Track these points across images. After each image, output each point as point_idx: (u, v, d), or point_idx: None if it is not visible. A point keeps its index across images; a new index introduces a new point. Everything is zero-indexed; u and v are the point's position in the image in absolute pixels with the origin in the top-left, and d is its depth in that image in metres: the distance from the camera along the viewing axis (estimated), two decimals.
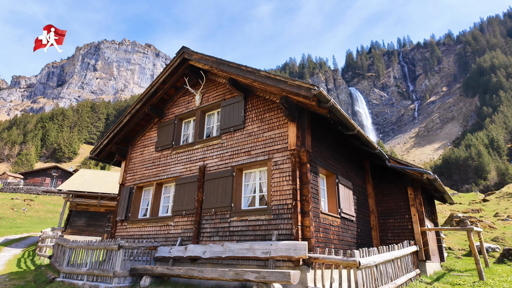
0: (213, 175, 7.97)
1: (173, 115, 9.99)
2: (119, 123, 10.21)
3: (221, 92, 8.91)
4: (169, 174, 9.17)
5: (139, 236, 9.08)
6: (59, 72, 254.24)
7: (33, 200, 48.00)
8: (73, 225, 19.99)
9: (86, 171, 24.07)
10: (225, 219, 7.34)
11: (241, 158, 7.64)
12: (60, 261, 9.14)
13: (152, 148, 10.06)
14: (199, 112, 9.27)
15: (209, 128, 9.27)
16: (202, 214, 7.84)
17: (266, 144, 7.29)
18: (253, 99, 8.05)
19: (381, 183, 9.89)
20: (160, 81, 9.56)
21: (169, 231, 8.38)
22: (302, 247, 5.64)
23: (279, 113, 7.36)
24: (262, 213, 6.75)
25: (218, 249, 6.81)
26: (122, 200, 9.90)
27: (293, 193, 6.36)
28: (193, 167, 8.62)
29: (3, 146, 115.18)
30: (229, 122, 8.23)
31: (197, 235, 7.65)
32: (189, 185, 8.41)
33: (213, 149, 8.38)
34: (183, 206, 8.29)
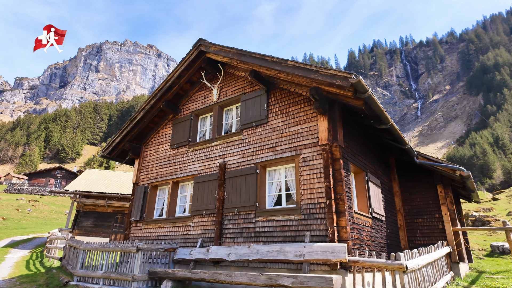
0: (235, 173, 7.55)
1: (188, 111, 9.57)
2: (132, 119, 9.80)
3: (241, 85, 8.48)
4: (186, 172, 8.75)
5: (155, 237, 8.67)
6: (62, 73, 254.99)
7: (38, 201, 47.79)
8: (80, 225, 19.64)
9: (92, 171, 23.72)
10: (250, 219, 6.92)
11: (265, 154, 7.21)
12: (73, 264, 8.75)
13: (167, 146, 9.65)
14: (217, 107, 8.84)
15: (228, 124, 8.85)
16: (224, 214, 7.42)
17: (293, 140, 6.86)
18: (276, 92, 7.62)
19: (407, 181, 9.43)
20: (175, 76, 9.15)
21: (188, 232, 7.97)
22: (341, 250, 5.21)
23: (306, 106, 6.92)
24: (291, 213, 6.32)
25: (244, 251, 6.38)
26: (136, 200, 9.50)
27: (326, 191, 5.92)
28: (212, 165, 8.20)
29: (7, 147, 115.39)
30: (251, 117, 7.81)
31: (219, 236, 7.23)
32: (209, 183, 7.99)
33: (234, 145, 7.95)
34: (203, 206, 7.87)
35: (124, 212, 20.48)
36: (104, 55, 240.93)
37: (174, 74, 9.16)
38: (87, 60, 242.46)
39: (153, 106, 9.63)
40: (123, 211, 20.51)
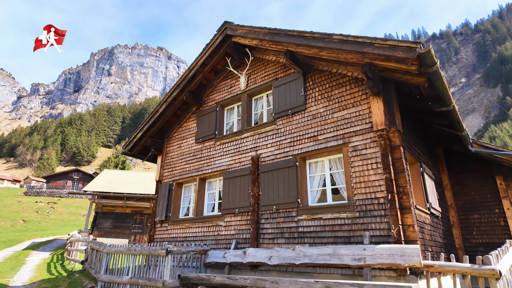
0: (270, 167, 6.78)
1: (213, 102, 8.87)
2: (154, 113, 9.18)
3: (272, 71, 7.71)
4: (213, 167, 8.05)
5: (183, 238, 8.01)
6: (75, 78, 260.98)
7: (56, 203, 48.50)
8: (99, 227, 19.36)
9: (109, 171, 23.49)
10: (291, 217, 6.14)
11: (305, 145, 6.41)
12: (96, 268, 8.19)
13: (192, 140, 8.98)
14: (246, 96, 8.10)
15: (257, 114, 8.10)
16: (260, 212, 6.66)
17: (339, 127, 6.03)
18: (314, 75, 6.80)
19: (458, 172, 8.43)
20: (199, 64, 8.46)
21: (220, 232, 7.26)
22: (412, 252, 4.36)
23: (353, 87, 6.08)
24: (342, 210, 5.50)
25: (288, 254, 5.61)
26: (160, 199, 8.87)
27: (386, 184, 5.07)
28: (243, 158, 7.46)
29: (25, 151, 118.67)
30: (285, 104, 7.02)
31: (256, 237, 6.48)
32: (240, 178, 7.25)
33: (267, 136, 7.19)
34: (235, 203, 7.14)
35: (142, 213, 20.09)
36: (115, 59, 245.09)
37: (198, 62, 8.46)
38: (99, 65, 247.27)
39: (175, 98, 8.97)
40: (142, 212, 20.13)
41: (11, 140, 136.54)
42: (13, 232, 29.96)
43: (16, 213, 40.80)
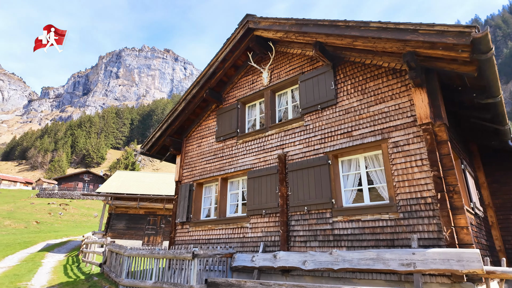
0: (299, 165, 6.42)
1: (234, 99, 8.56)
2: (173, 111, 8.91)
3: (297, 64, 7.35)
4: (236, 167, 7.73)
5: (205, 240, 7.70)
6: (84, 81, 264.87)
7: (68, 205, 48.98)
8: (113, 228, 19.26)
9: (122, 172, 23.43)
10: (325, 219, 5.76)
11: (337, 141, 6.03)
12: (117, 272, 7.95)
13: (212, 139, 8.68)
14: (269, 92, 7.76)
15: (281, 110, 7.75)
16: (289, 213, 6.31)
17: (376, 121, 5.63)
18: (345, 68, 6.42)
19: (495, 170, 7.94)
20: (219, 59, 8.15)
21: (246, 234, 6.93)
22: (472, 258, 3.94)
23: (391, 79, 5.68)
24: (383, 211, 5.11)
25: (324, 258, 5.24)
26: (181, 200, 8.59)
27: (435, 182, 4.66)
28: (268, 157, 7.12)
29: (37, 154, 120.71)
30: (314, 99, 6.65)
31: (286, 239, 6.12)
32: (266, 178, 6.91)
33: (294, 133, 6.83)
34: (262, 204, 6.80)
35: (156, 214, 19.93)
36: (123, 62, 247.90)
37: (218, 57, 8.16)
38: (107, 67, 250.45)
39: (195, 96, 8.69)
40: (155, 213, 19.98)
41: (23, 143, 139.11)
42: (27, 234, 30.24)
43: (29, 214, 41.31)
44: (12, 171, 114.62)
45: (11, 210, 42.61)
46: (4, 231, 32.01)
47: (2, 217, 37.51)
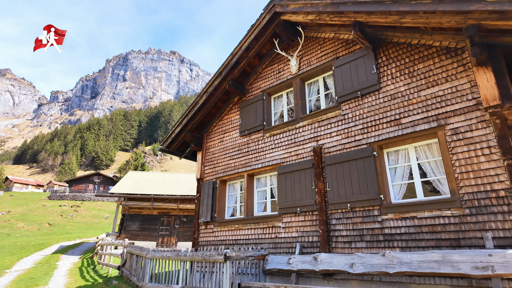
0: (338, 158, 5.84)
1: (259, 90, 8.02)
2: (193, 105, 8.43)
3: (330, 49, 6.78)
4: (264, 162, 7.19)
5: (233, 241, 7.18)
6: (92, 84, 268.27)
7: (79, 206, 49.19)
8: (127, 229, 18.94)
9: (134, 173, 23.14)
10: (372, 217, 5.18)
11: (383, 131, 5.44)
12: (139, 275, 7.49)
13: (235, 133, 8.17)
14: (298, 81, 7.20)
15: (312, 100, 7.18)
16: (328, 211, 5.74)
17: (429, 106, 5.03)
18: (388, 49, 5.82)
19: None
20: (243, 48, 7.63)
21: (278, 235, 6.38)
22: None
23: (444, 59, 5.06)
24: (444, 207, 4.50)
25: (376, 260, 4.65)
26: (204, 198, 8.09)
27: (509, 172, 4.03)
28: (300, 150, 6.56)
29: (47, 157, 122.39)
30: (352, 86, 6.07)
31: (327, 240, 5.55)
32: (300, 173, 6.35)
33: (330, 124, 6.26)
34: (295, 201, 6.25)
35: (169, 214, 19.55)
36: (130, 64, 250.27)
37: (242, 46, 7.64)
38: (114, 70, 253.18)
39: (217, 88, 8.18)
40: (169, 213, 19.60)
41: (34, 146, 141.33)
42: (40, 236, 30.28)
43: (42, 216, 41.55)
44: (23, 174, 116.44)
45: (24, 213, 42.94)
46: (17, 233, 32.15)
47: (16, 219, 37.78)
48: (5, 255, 17.78)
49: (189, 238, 19.57)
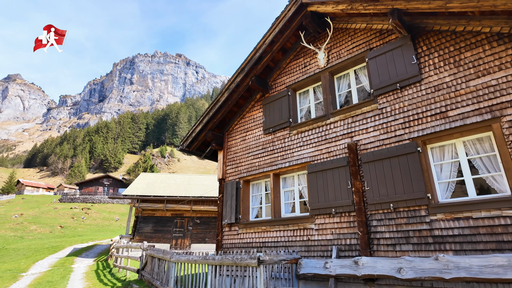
0: (376, 155, 5.48)
1: (283, 86, 7.70)
2: (215, 102, 8.15)
3: (362, 41, 6.42)
4: (292, 160, 6.85)
5: (260, 244, 6.86)
6: (100, 88, 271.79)
7: (90, 209, 49.48)
8: (140, 231, 18.77)
9: (147, 174, 23.02)
10: (419, 218, 4.80)
11: (428, 124, 5.06)
12: (162, 279, 7.21)
13: (259, 131, 7.86)
14: (327, 75, 6.85)
15: (341, 94, 6.82)
16: (368, 212, 5.37)
17: (480, 97, 4.64)
18: (428, 38, 5.44)
19: None
20: (267, 42, 7.32)
21: (311, 237, 6.03)
22: None
23: (496, 46, 4.67)
24: (505, 206, 4.10)
25: (428, 265, 4.27)
26: (227, 199, 7.80)
27: None
28: (332, 148, 6.21)
29: (57, 160, 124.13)
30: (389, 78, 5.71)
31: (368, 242, 5.18)
32: (333, 172, 6.00)
33: (365, 119, 5.90)
34: (329, 202, 5.89)
35: (183, 216, 19.33)
36: (137, 68, 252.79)
37: (265, 40, 7.33)
38: (121, 74, 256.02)
39: (239, 84, 7.89)
40: (182, 215, 19.38)
41: (43, 150, 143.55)
42: (53, 238, 30.42)
43: (54, 219, 41.87)
44: (34, 177, 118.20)
45: (36, 215, 43.35)
46: (30, 235, 32.38)
47: (28, 222, 38.11)
48: (20, 258, 17.77)
49: (203, 240, 19.33)
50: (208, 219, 19.74)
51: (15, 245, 24.19)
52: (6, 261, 16.91)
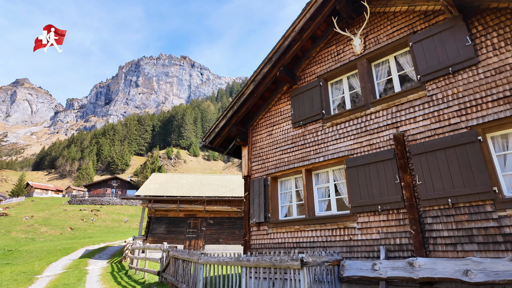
0: (428, 146, 4.99)
1: (313, 76, 7.26)
2: (239, 96, 7.74)
3: (403, 24, 5.95)
4: (327, 155, 6.40)
5: (293, 244, 6.40)
6: (106, 91, 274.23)
7: (99, 210, 49.51)
8: (153, 232, 18.45)
9: (159, 175, 22.73)
10: (484, 214, 4.30)
11: (489, 111, 4.57)
12: (188, 282, 6.80)
13: (287, 125, 7.42)
14: (364, 62, 6.39)
15: (380, 83, 6.35)
16: (421, 208, 4.89)
17: None
18: (483, 17, 4.96)
19: None
20: (296, 29, 6.88)
21: (353, 237, 5.56)
22: None
23: None
24: None
25: (503, 267, 3.77)
26: (254, 197, 7.37)
27: None
28: (375, 140, 5.74)
29: (65, 163, 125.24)
30: (439, 62, 5.22)
31: (422, 242, 4.70)
32: (376, 166, 5.53)
33: (412, 107, 5.42)
34: (374, 198, 5.42)
35: (196, 216, 18.97)
36: (142, 70, 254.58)
37: (295, 27, 6.90)
38: (127, 77, 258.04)
39: (265, 76, 7.47)
40: (195, 215, 19.02)
41: (51, 153, 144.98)
42: (64, 240, 30.34)
43: (64, 221, 41.93)
44: (42, 180, 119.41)
45: (46, 217, 43.48)
46: (41, 237, 32.37)
47: (39, 224, 38.18)
48: (34, 260, 17.58)
49: (216, 241, 18.93)
50: (222, 220, 19.35)
51: (27, 247, 24.10)
52: (20, 263, 16.72)
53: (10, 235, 32.25)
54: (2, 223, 37.53)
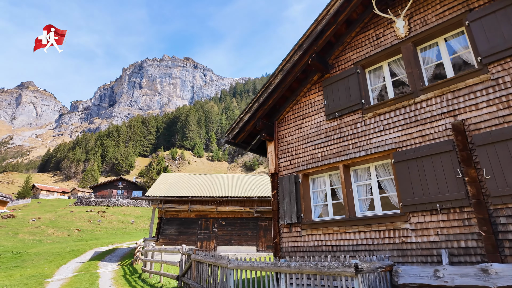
0: (496, 136, 4.39)
1: (349, 63, 6.67)
2: (266, 87, 7.17)
3: (455, 2, 5.34)
4: (369, 149, 5.80)
5: (332, 247, 5.81)
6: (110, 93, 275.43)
7: (105, 212, 49.21)
8: (164, 234, 17.94)
9: (168, 175, 22.24)
10: None
11: None
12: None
13: (319, 117, 6.83)
14: (409, 46, 5.78)
15: (428, 68, 5.75)
16: (491, 207, 4.28)
17: None
18: None
19: None
20: (331, 13, 6.30)
21: (406, 239, 4.95)
22: None
23: None
24: None
25: None
26: (285, 195, 6.78)
27: None
28: (427, 131, 5.14)
29: (70, 164, 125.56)
30: (504, 41, 4.62)
31: (496, 245, 4.09)
32: (432, 159, 4.92)
33: (472, 93, 4.81)
34: (430, 196, 4.81)
35: (207, 217, 18.43)
36: (145, 72, 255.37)
37: (329, 10, 6.32)
38: (131, 79, 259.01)
39: (295, 64, 6.89)
40: (206, 216, 18.48)
41: (57, 155, 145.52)
42: (71, 242, 29.97)
43: (70, 222, 41.64)
44: (48, 181, 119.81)
45: (53, 219, 43.24)
46: (49, 239, 32.04)
47: (46, 226, 37.91)
48: (43, 262, 17.14)
49: (229, 243, 18.37)
50: (234, 220, 18.79)
51: (35, 249, 23.72)
52: (29, 266, 16.28)
53: (18, 237, 31.97)
54: (9, 224, 37.32)
